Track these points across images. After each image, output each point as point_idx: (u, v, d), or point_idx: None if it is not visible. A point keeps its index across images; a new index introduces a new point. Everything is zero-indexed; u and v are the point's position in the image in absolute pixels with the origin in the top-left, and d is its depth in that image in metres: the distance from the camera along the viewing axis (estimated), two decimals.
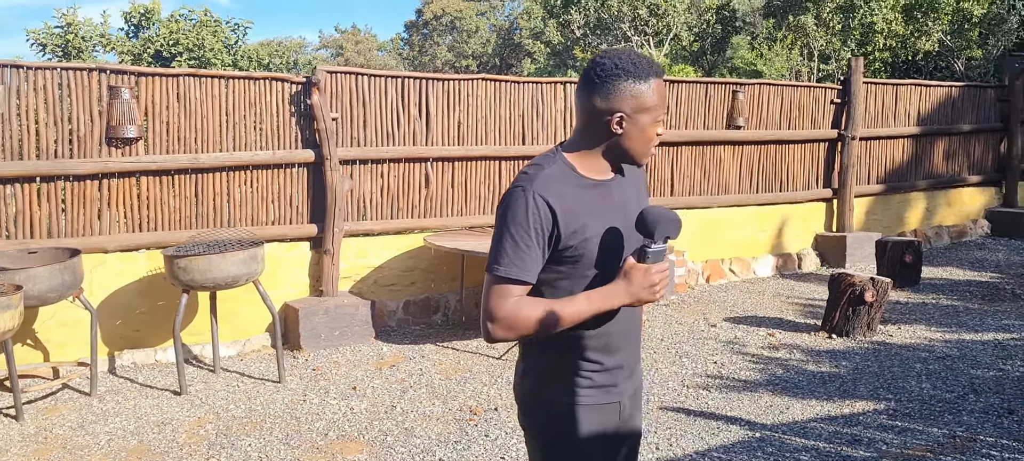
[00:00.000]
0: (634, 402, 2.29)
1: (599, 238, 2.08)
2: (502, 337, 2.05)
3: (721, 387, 5.53)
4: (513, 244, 2.01)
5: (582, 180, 2.10)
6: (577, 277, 2.09)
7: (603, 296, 2.06)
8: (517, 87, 7.85)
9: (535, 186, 2.02)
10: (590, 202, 2.09)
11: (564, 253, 2.06)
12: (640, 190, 2.28)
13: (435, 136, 7.41)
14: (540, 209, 2.00)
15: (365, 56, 50.88)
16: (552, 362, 2.17)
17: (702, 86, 8.98)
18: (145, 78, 6.28)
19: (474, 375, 5.88)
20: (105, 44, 13.23)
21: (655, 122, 2.10)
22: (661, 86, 2.11)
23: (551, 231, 2.02)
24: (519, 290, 2.03)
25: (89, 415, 5.20)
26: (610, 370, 2.18)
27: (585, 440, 2.15)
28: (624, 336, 2.20)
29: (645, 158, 2.16)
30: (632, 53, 2.11)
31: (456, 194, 7.59)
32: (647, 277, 2.04)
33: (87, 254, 6.03)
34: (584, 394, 2.15)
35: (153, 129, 6.29)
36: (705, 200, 8.98)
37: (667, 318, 7.39)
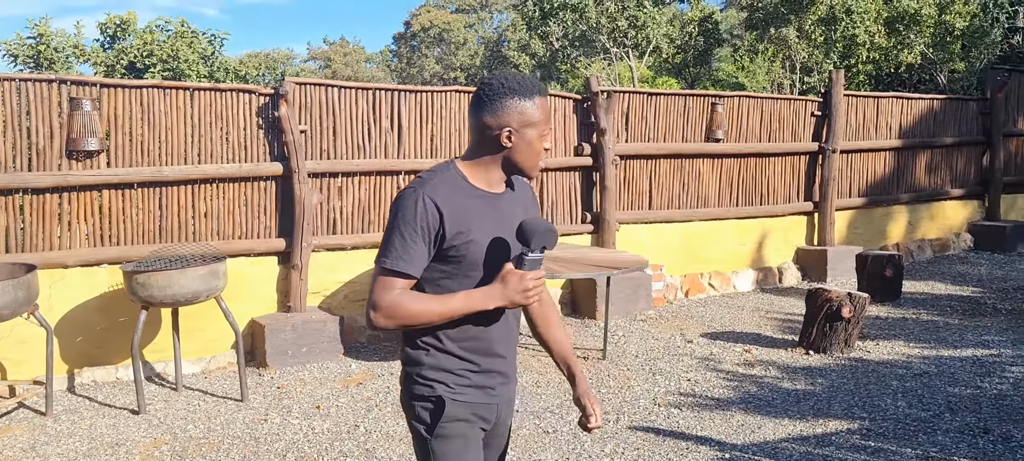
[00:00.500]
0: (507, 411, 2.46)
1: (482, 243, 2.24)
2: (383, 326, 2.20)
3: (693, 405, 5.40)
4: (400, 240, 2.17)
5: (471, 189, 2.27)
6: (459, 277, 2.25)
7: (480, 296, 2.22)
8: None
9: (426, 189, 2.20)
10: (476, 209, 2.25)
11: (447, 253, 2.21)
12: (529, 207, 2.44)
13: (407, 149, 7.29)
14: (428, 209, 2.17)
15: (353, 68, 50.80)
16: (432, 361, 2.29)
17: (681, 98, 8.89)
18: (108, 89, 6.14)
19: None
20: (79, 55, 13.07)
21: (541, 137, 2.28)
22: (545, 104, 2.29)
23: (437, 230, 2.18)
24: (403, 283, 2.20)
25: (42, 435, 5.04)
26: (487, 372, 2.33)
27: (463, 435, 2.29)
28: (501, 342, 2.35)
29: (534, 171, 2.33)
30: (520, 75, 2.34)
31: None
32: (522, 282, 2.20)
33: (47, 269, 5.89)
34: (462, 392, 2.29)
35: (116, 141, 6.15)
36: (684, 213, 8.88)
37: (643, 333, 7.27)
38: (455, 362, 2.29)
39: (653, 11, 13.42)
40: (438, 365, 2.29)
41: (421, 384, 2.30)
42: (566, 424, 5.10)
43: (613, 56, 14.03)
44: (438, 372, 2.28)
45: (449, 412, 2.26)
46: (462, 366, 2.29)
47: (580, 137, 8.24)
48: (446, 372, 2.28)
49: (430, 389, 2.28)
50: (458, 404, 2.28)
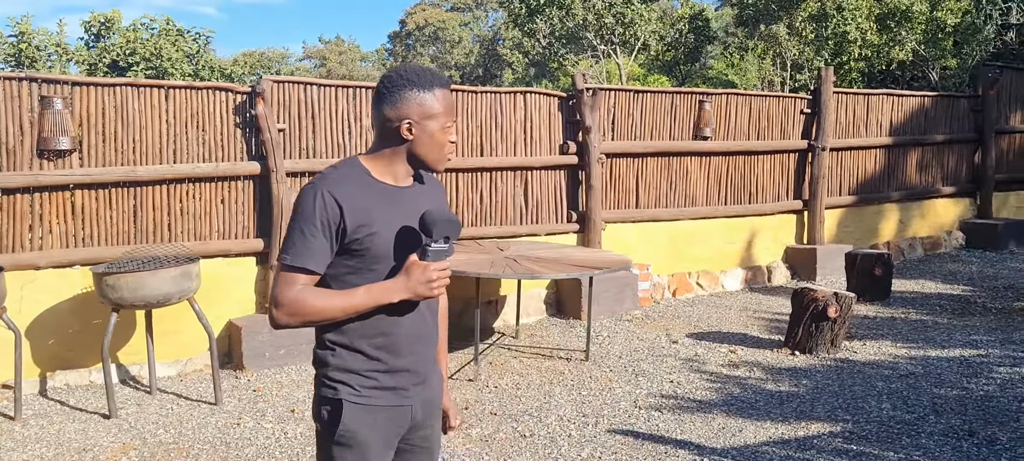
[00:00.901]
0: (428, 412, 2.37)
1: (385, 236, 2.20)
2: (286, 323, 2.15)
3: (674, 408, 5.31)
4: (301, 235, 2.14)
5: (375, 183, 2.23)
6: (364, 272, 2.20)
7: (383, 289, 2.18)
8: (474, 97, 7.64)
9: (326, 184, 2.16)
10: (379, 202, 2.21)
11: (350, 247, 2.17)
12: (436, 200, 2.38)
13: None
14: (327, 204, 2.13)
15: (348, 67, 50.65)
16: (338, 362, 2.23)
17: (668, 96, 8.79)
18: (80, 88, 6.03)
19: None
20: (61, 53, 12.94)
21: (443, 129, 2.25)
22: (447, 96, 2.25)
23: (338, 225, 2.14)
24: (305, 279, 2.15)
25: (8, 441, 4.93)
26: (396, 372, 2.26)
27: (362, 443, 2.22)
28: (412, 340, 2.28)
29: (440, 164, 2.29)
30: (419, 66, 2.29)
31: None
32: (425, 273, 2.16)
33: (18, 271, 5.79)
34: (369, 394, 2.23)
35: (88, 141, 6.04)
36: (671, 212, 8.78)
37: (628, 334, 7.17)
38: (362, 362, 2.23)
39: (641, 8, 13.31)
40: (344, 366, 2.23)
41: (326, 385, 2.25)
42: (544, 427, 5.00)
43: (601, 53, 13.92)
44: (343, 373, 2.23)
45: (349, 417, 2.21)
46: (369, 366, 2.23)
47: (565, 135, 8.14)
48: (352, 373, 2.23)
49: (333, 391, 2.23)
50: (361, 408, 2.22)
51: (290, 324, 2.16)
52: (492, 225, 7.77)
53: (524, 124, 7.89)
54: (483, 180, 7.69)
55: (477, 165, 7.60)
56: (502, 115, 7.75)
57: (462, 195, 7.58)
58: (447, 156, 2.29)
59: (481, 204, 7.71)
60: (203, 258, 6.39)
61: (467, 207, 7.62)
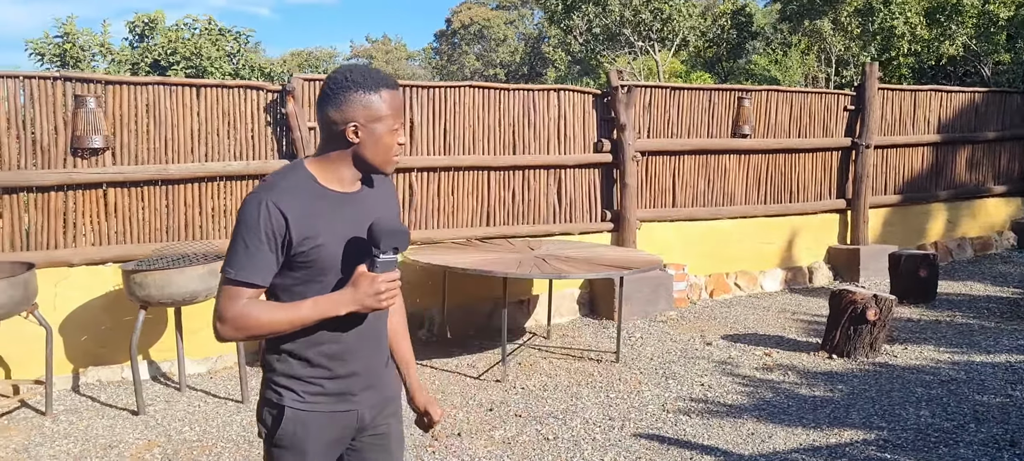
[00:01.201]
0: (381, 413, 2.34)
1: (332, 246, 2.15)
2: (231, 337, 2.12)
3: (703, 412, 5.18)
4: (244, 248, 2.08)
5: (320, 190, 2.17)
6: (312, 283, 2.16)
7: (330, 302, 2.13)
8: (507, 94, 7.57)
9: (270, 194, 2.09)
10: (326, 211, 2.15)
11: (297, 259, 2.12)
12: (389, 203, 2.35)
13: (420, 146, 7.16)
14: (272, 215, 2.07)
15: (394, 66, 50.88)
16: (284, 368, 2.20)
17: (705, 93, 8.63)
18: (113, 86, 6.09)
19: (447, 396, 5.59)
20: (105, 53, 13.17)
21: (390, 131, 2.17)
22: (394, 97, 2.17)
23: (283, 236, 2.09)
24: (249, 293, 2.11)
25: (38, 436, 4.99)
26: (343, 378, 2.23)
27: (301, 449, 2.21)
28: (359, 346, 2.25)
29: (387, 167, 2.22)
30: (365, 67, 2.21)
31: (442, 206, 7.32)
32: (373, 285, 2.11)
33: (52, 268, 5.86)
34: (313, 400, 2.21)
35: (121, 139, 6.10)
36: (709, 211, 8.62)
37: (661, 335, 7.05)
38: (307, 369, 2.20)
39: (680, 3, 13.09)
40: (289, 372, 2.20)
41: (271, 389, 2.23)
42: (568, 430, 4.92)
43: (638, 50, 13.73)
44: (288, 380, 2.21)
45: (289, 422, 2.19)
46: (314, 373, 2.21)
47: (600, 133, 8.03)
48: (296, 380, 2.20)
49: (278, 396, 2.21)
50: (304, 414, 2.20)
51: (235, 338, 2.14)
52: (525, 224, 7.69)
53: (558, 122, 7.80)
54: (516, 178, 7.62)
55: (509, 163, 7.52)
56: (535, 113, 7.67)
57: (494, 193, 7.51)
58: (394, 158, 2.21)
59: (513, 202, 7.63)
60: None
61: (499, 205, 7.55)
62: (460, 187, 7.37)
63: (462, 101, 7.34)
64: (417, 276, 7.01)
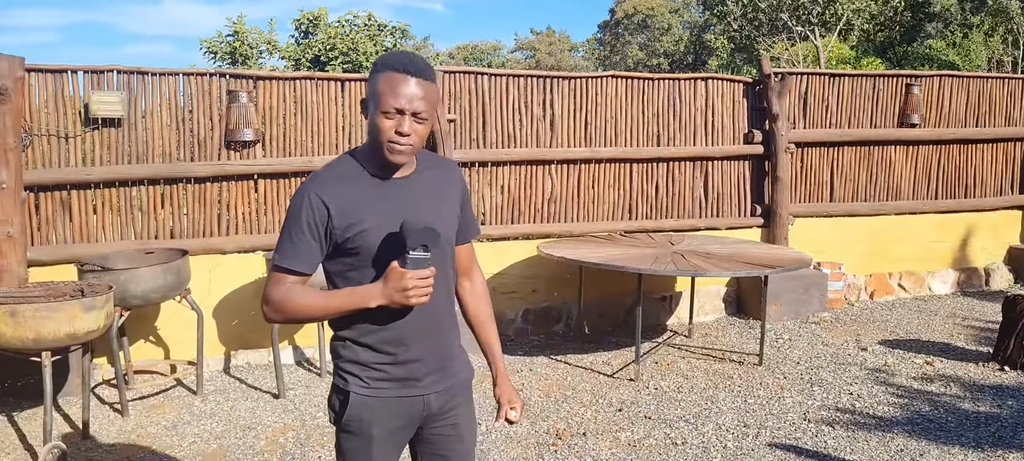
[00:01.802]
0: (451, 399, 2.35)
1: (380, 231, 2.16)
2: (275, 319, 2.22)
3: (849, 424, 4.81)
4: (288, 238, 2.16)
5: (365, 177, 2.19)
6: (363, 268, 2.19)
7: (362, 294, 2.16)
8: (652, 84, 7.34)
9: (314, 186, 2.15)
10: (369, 197, 2.17)
11: (343, 246, 2.17)
12: (447, 194, 2.32)
13: (560, 137, 7.06)
14: (313, 206, 2.13)
15: (556, 57, 51.01)
16: (349, 354, 2.26)
17: (869, 79, 8.06)
18: (263, 81, 6.34)
19: (577, 394, 5.47)
20: (271, 50, 13.86)
21: (380, 112, 2.10)
22: (394, 79, 2.10)
23: (326, 225, 2.14)
24: (292, 279, 2.18)
25: (186, 414, 5.26)
26: (406, 363, 2.25)
27: (367, 433, 2.24)
28: (419, 332, 2.24)
29: (382, 150, 2.14)
30: (392, 52, 2.22)
31: (582, 199, 7.19)
32: (401, 281, 2.10)
33: (206, 255, 6.17)
34: (378, 386, 2.24)
35: (270, 132, 6.34)
36: (871, 207, 8.05)
37: (812, 338, 6.64)
38: (370, 355, 2.25)
39: None
40: (354, 358, 2.26)
41: (338, 376, 2.30)
42: (699, 435, 4.69)
43: (797, 35, 13.01)
44: (353, 365, 2.26)
45: (355, 407, 2.24)
46: (378, 359, 2.25)
47: (751, 124, 7.65)
48: (361, 365, 2.26)
49: (344, 382, 2.27)
50: (369, 400, 2.24)
51: (278, 320, 2.23)
52: (669, 218, 7.45)
53: (705, 112, 7.49)
54: (659, 171, 7.38)
55: (653, 155, 7.30)
56: (681, 103, 7.39)
57: (636, 186, 7.31)
58: (388, 143, 2.11)
59: (657, 196, 7.40)
60: None
61: (642, 199, 7.34)
62: (601, 180, 7.22)
63: (604, 92, 7.18)
64: (554, 270, 6.92)
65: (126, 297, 5.16)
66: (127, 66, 5.95)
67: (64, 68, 5.82)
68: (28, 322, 4.32)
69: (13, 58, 5.42)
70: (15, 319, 4.31)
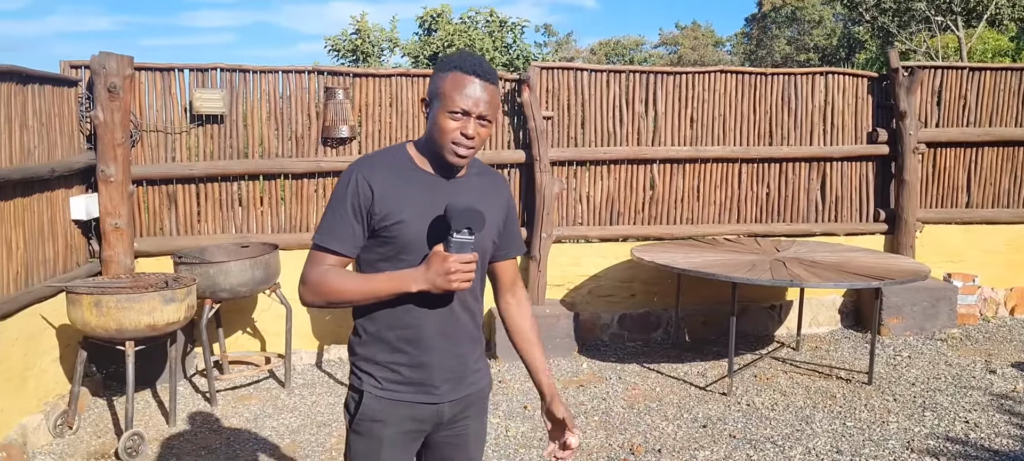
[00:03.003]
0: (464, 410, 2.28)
1: (413, 225, 2.11)
2: (311, 300, 2.15)
3: (958, 455, 4.33)
4: (332, 217, 2.13)
5: (415, 170, 2.16)
6: (395, 259, 2.14)
7: (404, 278, 2.10)
8: (764, 79, 6.92)
9: (362, 168, 2.13)
10: (414, 190, 2.14)
11: (380, 232, 2.12)
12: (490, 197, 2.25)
13: (663, 135, 6.76)
14: (359, 188, 2.10)
15: (700, 52, 49.79)
16: (365, 351, 2.22)
17: (1014, 74, 7.31)
18: (359, 79, 6.38)
19: (661, 406, 5.20)
20: (392, 47, 14.06)
21: (446, 112, 2.08)
22: (462, 80, 2.08)
23: (369, 208, 2.10)
24: (333, 260, 2.13)
25: (270, 407, 5.34)
26: (423, 367, 2.19)
27: (379, 436, 2.18)
28: (441, 336, 2.19)
29: (443, 151, 2.11)
30: (459, 53, 2.16)
31: (686, 200, 6.86)
32: (445, 264, 2.05)
33: (301, 250, 6.25)
34: (392, 388, 2.19)
35: (365, 129, 6.37)
36: (1014, 214, 7.31)
37: (934, 356, 6.07)
38: (386, 352, 2.19)
39: None
40: (370, 356, 2.21)
41: (354, 373, 2.25)
42: (784, 460, 4.34)
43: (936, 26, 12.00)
44: (369, 364, 2.22)
45: (368, 409, 2.20)
46: (394, 359, 2.19)
47: (875, 121, 7.09)
48: (376, 364, 2.21)
49: (359, 381, 2.23)
50: (382, 402, 2.19)
51: (314, 302, 2.16)
52: (780, 221, 7.01)
53: (823, 109, 7.00)
54: (771, 171, 6.96)
55: (764, 155, 6.88)
56: (796, 99, 6.94)
57: (744, 187, 6.92)
58: (452, 145, 2.09)
59: (768, 198, 6.98)
60: None
61: (750, 201, 6.95)
62: (706, 180, 6.87)
63: (712, 87, 6.82)
64: (654, 274, 6.64)
65: (215, 290, 5.28)
66: (229, 64, 6.11)
67: (171, 66, 6.03)
68: (111, 312, 4.48)
69: (122, 57, 5.65)
70: (99, 309, 4.47)
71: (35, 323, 4.83)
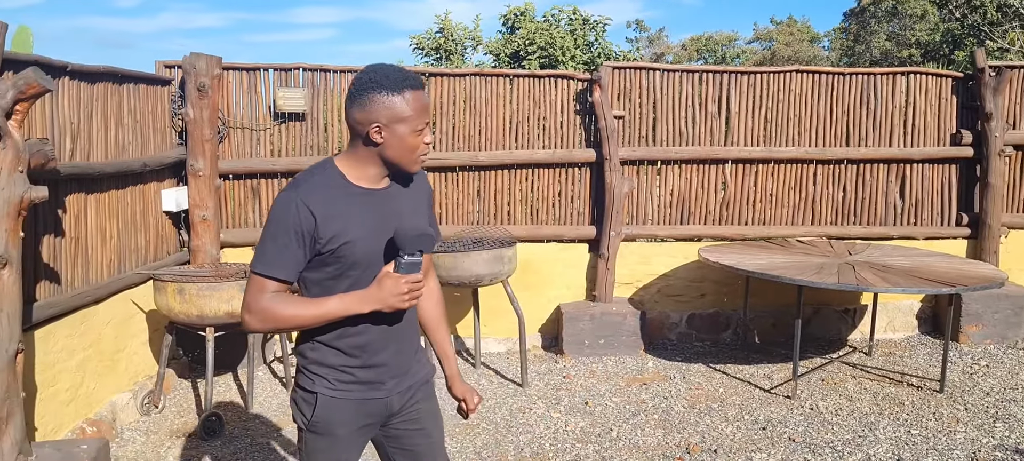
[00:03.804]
0: (412, 398, 2.40)
1: (360, 242, 2.19)
2: (257, 328, 2.20)
3: None
4: (273, 244, 2.15)
5: (349, 187, 2.21)
6: (342, 278, 2.21)
7: (356, 299, 2.18)
8: (842, 79, 6.81)
9: (300, 192, 2.15)
10: (353, 208, 2.20)
11: (325, 255, 2.18)
12: (420, 200, 2.38)
13: (736, 135, 6.73)
14: (300, 213, 2.12)
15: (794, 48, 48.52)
16: (317, 356, 2.28)
17: None
18: (435, 78, 6.55)
19: (723, 407, 5.22)
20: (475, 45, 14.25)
21: (414, 132, 2.17)
22: (419, 97, 2.16)
23: (312, 233, 2.14)
24: (275, 286, 2.17)
25: None
26: (373, 367, 2.29)
27: (333, 434, 2.29)
28: (388, 338, 2.29)
29: (413, 167, 2.24)
30: (390, 67, 2.20)
31: (758, 201, 6.82)
32: (397, 285, 2.15)
33: None
34: (345, 388, 2.27)
35: (439, 127, 6.54)
36: None
37: (1015, 366, 5.90)
38: (340, 358, 2.27)
39: None
40: (322, 361, 2.28)
41: (305, 375, 2.32)
42: None
43: None
44: (321, 368, 2.29)
45: (322, 408, 2.28)
46: (347, 362, 2.28)
47: (960, 123, 6.90)
48: (329, 368, 2.28)
49: (311, 383, 2.29)
50: (336, 402, 2.28)
51: (261, 329, 2.23)
52: (856, 224, 6.89)
53: (903, 110, 6.85)
54: (847, 173, 6.85)
55: (840, 156, 6.77)
56: (875, 100, 6.81)
57: (819, 189, 6.83)
58: (419, 159, 2.23)
59: (843, 200, 6.87)
60: (537, 243, 6.62)
61: (825, 203, 6.85)
62: (780, 181, 6.81)
63: (787, 87, 6.76)
64: (723, 274, 6.63)
65: None
66: (311, 64, 6.37)
67: (256, 66, 6.32)
68: (193, 299, 4.76)
69: (211, 57, 5.96)
70: (182, 296, 4.76)
71: (126, 308, 5.17)
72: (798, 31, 53.48)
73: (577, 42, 12.90)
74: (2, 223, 3.29)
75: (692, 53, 44.59)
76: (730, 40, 54.58)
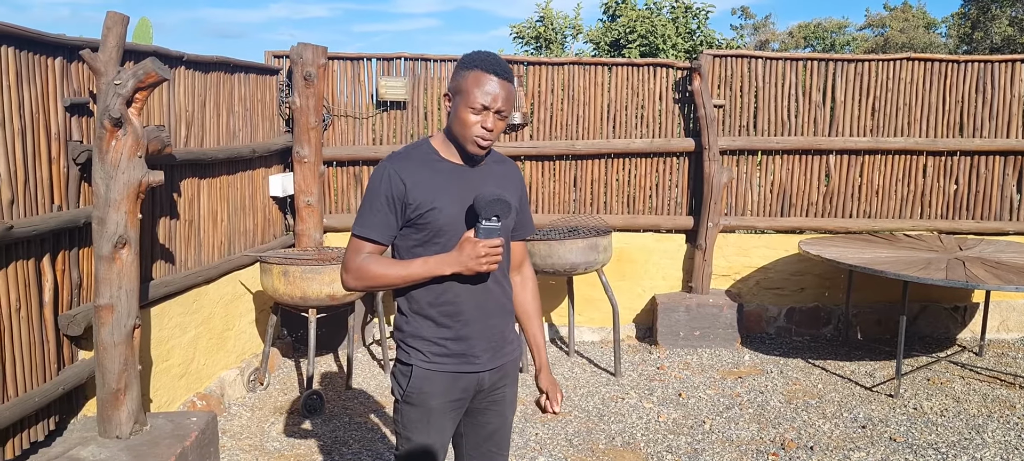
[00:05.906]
0: (502, 378, 2.50)
1: (446, 212, 2.31)
2: (353, 285, 2.38)
3: None
4: (368, 209, 2.33)
5: (440, 162, 2.36)
6: (429, 244, 2.34)
7: (437, 262, 2.31)
8: (956, 68, 6.53)
9: (393, 162, 2.33)
10: (440, 179, 2.33)
11: (414, 221, 2.32)
12: (507, 185, 2.46)
13: (840, 124, 6.54)
14: (392, 181, 2.30)
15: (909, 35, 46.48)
16: (411, 329, 2.41)
17: None
18: (533, 67, 6.58)
19: (821, 403, 5.10)
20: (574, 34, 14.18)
21: (470, 109, 2.25)
22: (484, 79, 2.25)
23: (402, 199, 2.30)
24: (370, 247, 2.35)
25: None
26: (464, 339, 2.39)
27: (428, 406, 2.39)
28: (478, 310, 2.39)
29: (468, 145, 2.30)
30: (481, 51, 2.32)
31: (864, 193, 6.61)
32: (475, 248, 2.26)
33: None
34: (439, 361, 2.38)
35: (538, 116, 6.57)
36: None
37: None
38: (432, 329, 2.38)
39: None
40: (416, 333, 2.40)
41: (402, 349, 2.44)
42: None
43: None
44: (416, 340, 2.40)
45: (418, 381, 2.38)
46: (438, 333, 2.38)
47: None
48: (424, 340, 2.39)
49: (407, 356, 2.42)
50: (430, 374, 2.38)
51: (355, 287, 2.38)
52: (970, 219, 6.61)
53: (1023, 99, 6.52)
54: (961, 165, 6.57)
55: (953, 147, 6.51)
56: (992, 89, 6.50)
57: (929, 181, 6.57)
58: (474, 138, 2.28)
59: (956, 194, 6.60)
60: (633, 232, 6.60)
61: (936, 196, 6.59)
62: (887, 172, 6.58)
63: (897, 75, 6.52)
64: (825, 268, 6.47)
65: None
66: (412, 53, 6.50)
67: (360, 56, 6.49)
68: (296, 282, 4.94)
69: (317, 47, 6.15)
70: (286, 278, 4.95)
71: (235, 288, 5.41)
72: (913, 17, 51.28)
73: (678, 30, 12.72)
74: (122, 205, 3.49)
75: (799, 40, 43.33)
76: (840, 27, 52.75)
